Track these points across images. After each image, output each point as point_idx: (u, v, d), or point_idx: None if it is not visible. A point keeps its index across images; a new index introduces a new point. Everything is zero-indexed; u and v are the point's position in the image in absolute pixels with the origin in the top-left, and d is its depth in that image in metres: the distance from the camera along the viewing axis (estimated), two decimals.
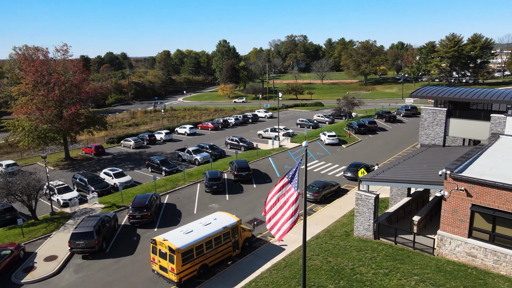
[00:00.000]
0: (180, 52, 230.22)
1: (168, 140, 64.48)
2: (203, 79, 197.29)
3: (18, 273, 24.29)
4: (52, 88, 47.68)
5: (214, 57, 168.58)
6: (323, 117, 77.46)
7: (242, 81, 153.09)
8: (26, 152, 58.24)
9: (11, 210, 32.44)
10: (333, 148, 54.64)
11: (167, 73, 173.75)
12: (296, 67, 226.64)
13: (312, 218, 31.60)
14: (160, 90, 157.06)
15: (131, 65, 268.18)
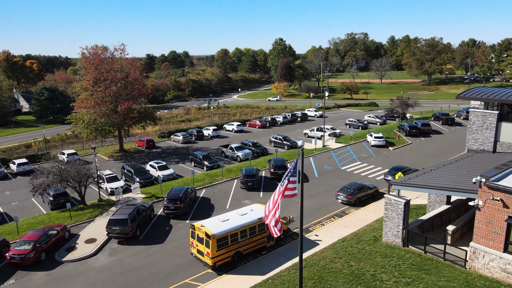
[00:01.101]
0: (238, 51, 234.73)
1: (215, 136, 66.42)
2: (259, 77, 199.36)
3: (61, 252, 26.82)
4: (109, 84, 51.47)
5: (270, 56, 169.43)
6: (374, 118, 74.70)
7: (297, 80, 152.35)
8: (88, 143, 63.47)
9: (65, 194, 35.69)
10: (379, 150, 52.63)
11: (224, 71, 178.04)
12: (355, 66, 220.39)
13: (342, 220, 30.91)
14: (216, 87, 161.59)
15: (192, 63, 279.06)
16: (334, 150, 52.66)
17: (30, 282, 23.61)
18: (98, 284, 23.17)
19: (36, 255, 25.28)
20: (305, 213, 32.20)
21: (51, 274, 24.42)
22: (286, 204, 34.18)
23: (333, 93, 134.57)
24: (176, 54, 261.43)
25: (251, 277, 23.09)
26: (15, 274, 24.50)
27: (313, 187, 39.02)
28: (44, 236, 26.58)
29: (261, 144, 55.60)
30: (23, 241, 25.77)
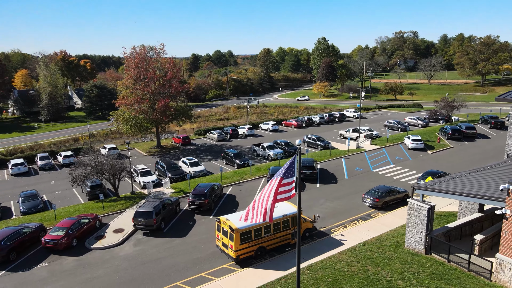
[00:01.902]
0: (282, 50, 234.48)
1: (250, 135, 67.04)
2: (301, 76, 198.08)
3: (91, 239, 28.54)
4: (148, 83, 53.70)
5: (312, 55, 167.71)
6: (416, 120, 71.68)
7: (340, 80, 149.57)
8: (129, 138, 66.61)
9: (100, 186, 37.84)
10: (416, 153, 50.51)
11: (266, 70, 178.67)
12: (402, 65, 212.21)
13: (366, 223, 30.14)
14: (258, 86, 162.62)
15: (236, 62, 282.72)
16: (368, 152, 51.27)
17: (60, 266, 25.39)
18: (120, 271, 24.43)
19: (68, 241, 27.09)
20: (329, 214, 31.88)
21: (79, 260, 26.09)
22: (310, 205, 33.98)
23: (376, 94, 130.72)
24: (220, 53, 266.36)
25: (266, 274, 23.24)
26: (48, 258, 26.45)
27: (341, 188, 38.32)
28: (77, 224, 28.42)
29: (293, 144, 55.33)
30: (57, 228, 27.73)
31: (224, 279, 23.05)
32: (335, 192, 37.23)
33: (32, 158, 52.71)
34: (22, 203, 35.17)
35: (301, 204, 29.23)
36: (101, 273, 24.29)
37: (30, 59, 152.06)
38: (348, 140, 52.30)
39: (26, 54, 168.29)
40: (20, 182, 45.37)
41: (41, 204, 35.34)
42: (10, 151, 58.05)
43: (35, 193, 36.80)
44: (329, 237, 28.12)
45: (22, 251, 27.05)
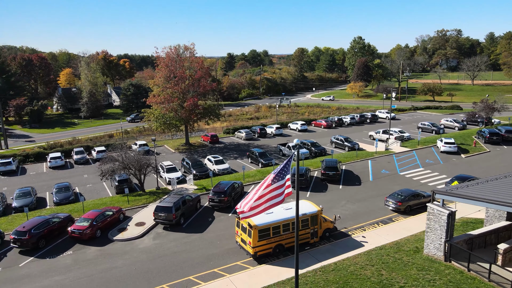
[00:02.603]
0: (317, 49, 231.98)
1: (278, 135, 67.01)
2: (336, 76, 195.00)
3: (114, 231, 29.80)
4: (178, 81, 55.07)
5: (347, 55, 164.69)
6: (452, 122, 68.64)
7: (376, 80, 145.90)
8: (161, 135, 68.65)
9: (127, 181, 39.32)
10: (448, 157, 48.43)
11: (300, 70, 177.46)
12: (444, 65, 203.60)
13: (387, 227, 29.37)
14: (291, 86, 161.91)
15: (271, 62, 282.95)
16: (396, 154, 49.78)
17: (83, 255, 26.74)
18: (138, 263, 25.36)
19: (92, 231, 28.46)
20: (349, 216, 31.37)
21: (102, 250, 27.34)
22: (331, 206, 33.56)
23: (413, 95, 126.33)
24: (255, 53, 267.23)
25: (278, 273, 23.29)
26: (73, 247, 27.92)
27: (364, 191, 37.53)
28: (101, 216, 29.78)
29: (320, 144, 54.80)
30: (83, 218, 29.20)
31: (235, 275, 23.35)
32: (357, 194, 36.52)
33: (69, 152, 55.65)
34: (55, 194, 37.32)
35: (319, 204, 29.14)
36: (120, 264, 25.33)
37: (74, 58, 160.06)
38: (376, 141, 51.02)
39: (71, 54, 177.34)
40: (57, 174, 48.06)
41: (72, 196, 37.31)
42: (51, 145, 61.56)
43: (68, 185, 38.88)
44: (346, 239, 27.70)
45: (51, 239, 28.71)
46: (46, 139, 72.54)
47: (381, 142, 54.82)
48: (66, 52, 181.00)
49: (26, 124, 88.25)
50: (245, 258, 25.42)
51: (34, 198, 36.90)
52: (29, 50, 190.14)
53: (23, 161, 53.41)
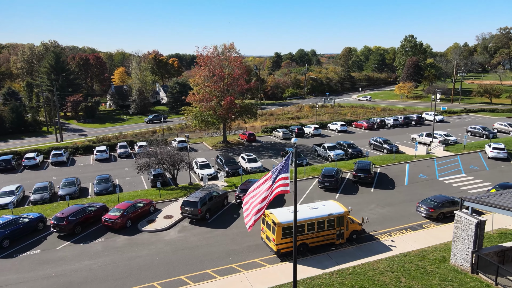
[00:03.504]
0: (367, 49, 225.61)
1: (316, 135, 66.24)
2: (385, 76, 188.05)
3: (143, 222, 31.28)
4: (216, 80, 56.31)
5: (397, 54, 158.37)
6: (507, 126, 63.80)
7: (427, 80, 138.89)
8: (201, 132, 70.60)
9: (161, 175, 40.98)
10: (496, 163, 45.18)
11: (347, 70, 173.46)
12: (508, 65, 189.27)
13: (415, 234, 28.13)
14: (337, 86, 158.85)
15: (319, 61, 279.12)
16: (438, 159, 47.29)
17: (113, 243, 28.37)
18: (161, 254, 26.47)
19: (123, 221, 30.08)
20: (376, 221, 30.46)
21: (130, 239, 28.84)
22: (359, 209, 32.75)
23: (468, 96, 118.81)
24: (303, 52, 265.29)
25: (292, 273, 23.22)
26: (105, 235, 29.71)
27: (397, 195, 36.14)
28: (132, 207, 31.38)
29: (357, 145, 53.45)
30: (115, 209, 30.95)
31: (251, 272, 23.62)
32: (388, 198, 35.27)
33: (114, 146, 59.00)
34: (96, 185, 39.84)
35: (348, 206, 28.55)
36: (145, 253, 26.58)
37: (128, 57, 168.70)
38: (416, 144, 48.78)
39: (126, 53, 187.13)
40: (101, 166, 51.20)
41: (111, 187, 39.60)
42: (99, 139, 65.63)
43: (108, 177, 41.30)
44: (370, 243, 26.95)
45: (86, 227, 30.77)
46: (96, 133, 77.41)
47: (423, 145, 52.34)
48: (121, 52, 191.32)
49: (80, 119, 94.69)
50: (264, 256, 25.60)
51: (78, 187, 39.67)
52: (89, 50, 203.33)
53: (73, 153, 57.49)
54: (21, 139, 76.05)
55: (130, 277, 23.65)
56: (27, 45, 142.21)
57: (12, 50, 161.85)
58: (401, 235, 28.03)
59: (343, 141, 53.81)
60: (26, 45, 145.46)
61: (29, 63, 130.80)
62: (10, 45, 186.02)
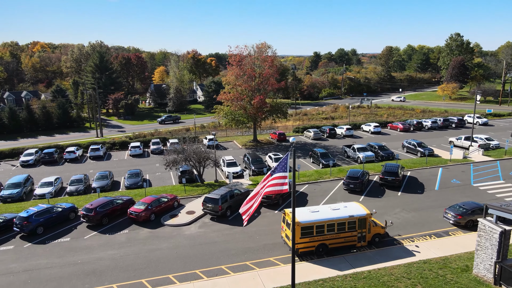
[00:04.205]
0: (410, 48, 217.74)
1: (348, 136, 65.02)
2: (429, 76, 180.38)
3: (166, 216, 32.30)
4: (247, 80, 56.78)
5: (441, 53, 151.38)
6: None
7: (475, 81, 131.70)
8: (233, 131, 71.47)
9: (188, 172, 42.01)
10: None
11: (387, 70, 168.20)
12: None
13: (439, 241, 27.00)
14: (376, 86, 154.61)
15: (359, 61, 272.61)
16: (475, 164, 44.87)
17: (137, 235, 29.57)
18: (179, 248, 27.25)
19: (147, 215, 31.25)
20: (399, 225, 29.58)
21: (152, 232, 29.91)
22: (383, 212, 31.88)
23: None
24: (343, 51, 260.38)
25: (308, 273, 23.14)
26: (130, 227, 31.00)
27: (424, 200, 34.76)
28: (156, 201, 32.51)
29: (388, 147, 51.89)
30: (141, 202, 32.20)
31: (264, 270, 23.77)
32: (415, 203, 34.01)
33: (148, 142, 61.20)
34: (127, 179, 41.61)
35: (372, 209, 27.93)
36: (164, 246, 27.48)
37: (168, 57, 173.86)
38: (451, 148, 46.54)
39: (167, 53, 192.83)
40: (134, 162, 53.34)
41: (140, 182, 41.17)
42: (136, 135, 68.35)
43: (138, 172, 42.98)
44: (390, 248, 26.22)
45: (113, 218, 32.25)
46: (134, 130, 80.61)
47: (460, 149, 49.89)
48: (163, 52, 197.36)
49: (121, 116, 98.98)
50: (279, 255, 25.65)
51: (110, 181, 41.63)
52: (134, 50, 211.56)
53: (110, 148, 60.31)
54: (66, 133, 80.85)
55: (148, 268, 24.58)
56: (77, 45, 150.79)
57: (64, 50, 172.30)
58: (424, 241, 26.99)
59: (374, 143, 52.44)
60: (75, 45, 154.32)
61: (78, 62, 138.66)
62: (62, 45, 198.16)
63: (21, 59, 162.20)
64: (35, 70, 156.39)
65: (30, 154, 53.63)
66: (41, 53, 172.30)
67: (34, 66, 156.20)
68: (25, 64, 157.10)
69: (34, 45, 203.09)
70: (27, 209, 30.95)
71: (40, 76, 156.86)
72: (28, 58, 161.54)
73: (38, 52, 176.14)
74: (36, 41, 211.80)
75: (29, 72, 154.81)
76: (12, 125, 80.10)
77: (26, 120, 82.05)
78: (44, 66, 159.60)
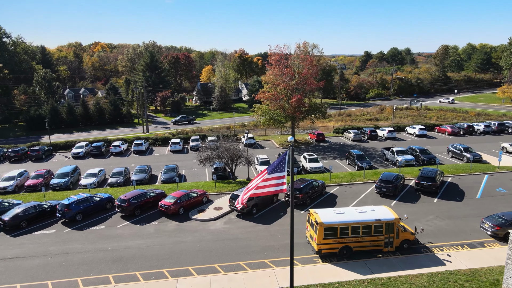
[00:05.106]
0: (470, 46, 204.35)
1: (390, 138, 62.72)
2: (490, 77, 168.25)
3: (194, 211, 33.30)
4: (286, 79, 56.67)
5: (504, 52, 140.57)
6: None
7: None
8: (273, 130, 71.73)
9: (219, 169, 42.94)
10: None
11: (442, 70, 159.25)
12: None
13: (471, 252, 25.37)
14: (429, 87, 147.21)
15: (414, 60, 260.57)
16: None
17: (164, 227, 30.82)
18: (202, 241, 28.02)
19: (175, 208, 32.44)
20: (431, 233, 28.28)
21: (179, 225, 31.01)
22: (414, 218, 30.50)
23: None
24: (396, 51, 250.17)
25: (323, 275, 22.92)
26: (160, 219, 32.37)
27: (463, 208, 32.72)
28: (186, 196, 33.63)
29: (431, 152, 49.40)
30: (171, 196, 33.50)
31: (280, 269, 23.80)
32: (452, 211, 32.13)
33: (188, 139, 63.23)
34: (163, 174, 43.44)
35: (403, 214, 26.97)
36: (189, 240, 28.41)
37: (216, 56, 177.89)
38: (500, 154, 43.23)
39: (215, 52, 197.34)
40: (174, 157, 55.41)
41: (175, 177, 42.73)
42: (178, 132, 70.88)
43: (174, 167, 44.65)
44: (414, 255, 25.09)
45: (145, 210, 33.84)
46: (178, 126, 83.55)
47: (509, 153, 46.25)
48: (212, 51, 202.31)
49: (167, 113, 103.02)
50: (299, 255, 25.41)
51: (147, 175, 43.69)
52: (185, 49, 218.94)
53: (153, 144, 63.14)
54: (116, 129, 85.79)
55: (170, 259, 25.58)
56: (131, 46, 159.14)
57: (121, 50, 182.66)
58: (455, 251, 25.49)
59: (416, 146, 50.11)
60: (130, 46, 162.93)
61: (132, 61, 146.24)
62: (120, 45, 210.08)
63: (83, 59, 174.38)
64: (94, 69, 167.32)
65: (81, 147, 57.66)
66: (100, 53, 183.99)
67: (93, 65, 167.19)
68: (85, 63, 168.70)
69: (95, 45, 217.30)
70: (69, 197, 33.43)
71: (98, 75, 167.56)
72: (88, 57, 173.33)
73: (98, 52, 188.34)
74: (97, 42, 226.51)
75: (89, 71, 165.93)
76: (69, 120, 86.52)
77: (82, 115, 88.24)
78: (102, 65, 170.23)
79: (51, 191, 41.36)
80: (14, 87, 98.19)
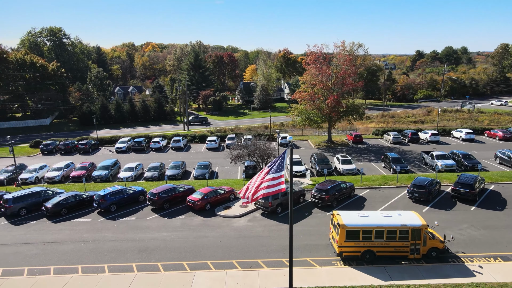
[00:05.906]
0: None
1: (433, 142, 59.71)
2: None
3: (220, 207, 33.97)
4: (323, 79, 55.94)
5: None
6: None
7: None
8: (311, 131, 71.05)
9: (250, 167, 43.31)
10: None
11: (501, 70, 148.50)
12: None
13: (504, 264, 23.76)
14: (484, 89, 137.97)
15: (470, 60, 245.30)
16: None
17: (190, 221, 31.77)
18: (224, 238, 28.56)
19: (202, 204, 33.32)
20: (462, 242, 26.90)
21: (205, 221, 31.81)
22: (446, 226, 29.03)
23: None
24: (451, 50, 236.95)
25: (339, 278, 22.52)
26: (187, 213, 33.40)
27: (502, 218, 30.55)
28: (213, 192, 34.41)
29: (476, 157, 46.48)
30: (198, 192, 34.42)
31: (296, 269, 23.49)
32: (489, 220, 30.11)
33: (225, 137, 64.40)
34: (196, 170, 44.73)
35: (434, 221, 25.90)
36: (212, 235, 29.08)
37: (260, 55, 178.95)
38: None
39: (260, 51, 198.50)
40: (209, 154, 56.73)
41: (207, 174, 43.76)
42: (217, 130, 72.37)
43: (207, 164, 45.76)
44: (439, 265, 23.90)
45: (174, 204, 35.06)
46: (218, 125, 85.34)
47: None
48: (257, 51, 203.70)
49: (209, 111, 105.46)
50: (317, 257, 25.26)
51: (181, 170, 45.19)
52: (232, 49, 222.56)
53: (191, 141, 65.03)
54: (159, 125, 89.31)
55: (191, 252, 26.36)
56: (179, 45, 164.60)
57: (169, 50, 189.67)
58: (486, 263, 23.93)
59: (459, 151, 47.34)
60: (178, 45, 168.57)
61: (179, 60, 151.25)
62: (170, 45, 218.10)
63: (134, 58, 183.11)
64: (144, 68, 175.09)
65: (124, 142, 60.80)
66: (151, 53, 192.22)
67: (143, 64, 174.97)
68: (136, 63, 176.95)
69: (147, 45, 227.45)
70: (105, 189, 35.47)
71: (148, 73, 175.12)
72: (139, 57, 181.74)
73: (148, 52, 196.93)
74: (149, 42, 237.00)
75: (139, 70, 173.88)
76: (117, 116, 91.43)
77: (128, 112, 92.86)
78: (151, 64, 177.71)
79: (92, 182, 44.04)
80: (70, 84, 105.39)
